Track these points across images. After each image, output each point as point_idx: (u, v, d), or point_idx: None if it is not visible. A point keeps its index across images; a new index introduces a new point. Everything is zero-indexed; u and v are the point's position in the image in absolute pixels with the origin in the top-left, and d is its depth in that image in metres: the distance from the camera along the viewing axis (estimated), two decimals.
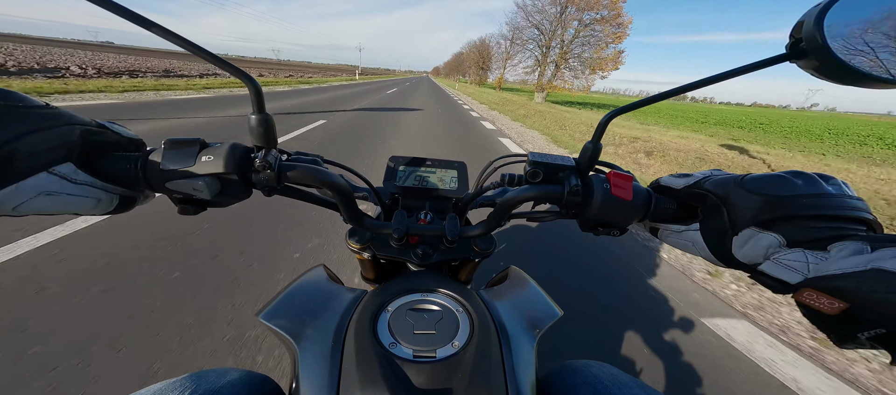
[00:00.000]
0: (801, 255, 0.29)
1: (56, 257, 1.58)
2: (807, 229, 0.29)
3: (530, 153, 0.41)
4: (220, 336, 1.23)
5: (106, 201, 0.33)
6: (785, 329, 1.58)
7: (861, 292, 0.24)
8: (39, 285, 1.39)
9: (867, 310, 0.24)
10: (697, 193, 0.36)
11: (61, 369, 1.06)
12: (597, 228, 0.40)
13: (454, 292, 0.41)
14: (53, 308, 1.28)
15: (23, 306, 1.27)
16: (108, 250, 1.67)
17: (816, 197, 0.30)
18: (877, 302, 0.23)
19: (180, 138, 0.34)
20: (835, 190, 0.31)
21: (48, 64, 13.01)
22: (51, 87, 6.55)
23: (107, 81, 8.65)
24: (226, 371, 0.38)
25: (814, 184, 0.31)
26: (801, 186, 0.31)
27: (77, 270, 1.50)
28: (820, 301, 0.26)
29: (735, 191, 0.33)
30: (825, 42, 0.25)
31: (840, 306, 0.25)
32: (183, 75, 14.15)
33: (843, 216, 0.29)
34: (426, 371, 0.32)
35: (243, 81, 0.31)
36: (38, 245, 1.63)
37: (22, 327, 1.18)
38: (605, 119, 0.35)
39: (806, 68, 0.28)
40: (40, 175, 0.28)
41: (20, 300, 1.30)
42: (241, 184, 0.34)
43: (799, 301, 0.28)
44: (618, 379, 0.41)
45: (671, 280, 1.92)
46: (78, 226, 1.82)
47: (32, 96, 0.28)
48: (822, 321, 0.27)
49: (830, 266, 0.27)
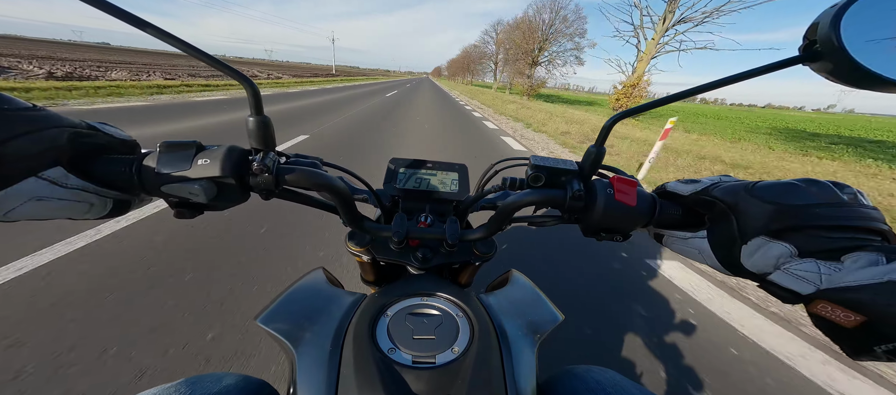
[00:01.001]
0: (813, 265, 0.28)
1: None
2: (819, 239, 0.28)
3: (533, 157, 0.40)
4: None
5: (99, 205, 0.33)
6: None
7: (878, 305, 0.23)
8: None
9: (886, 324, 0.23)
10: (705, 200, 0.35)
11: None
12: (599, 233, 0.39)
13: (454, 296, 0.41)
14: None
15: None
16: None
17: (830, 206, 0.29)
18: (895, 316, 0.22)
19: (176, 141, 0.33)
20: (849, 199, 0.30)
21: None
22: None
23: (48, 84, 7.22)
24: (222, 376, 0.38)
25: (828, 192, 0.30)
26: (814, 195, 0.30)
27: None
28: (835, 314, 0.26)
29: (745, 199, 0.32)
30: (841, 44, 0.25)
31: (857, 320, 0.24)
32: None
33: (858, 227, 0.28)
34: (425, 378, 0.31)
35: (241, 82, 0.31)
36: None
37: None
38: (610, 122, 0.34)
39: (820, 71, 0.27)
40: (29, 180, 0.27)
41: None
42: (238, 187, 0.34)
43: (813, 313, 0.27)
44: (620, 385, 0.40)
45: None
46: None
47: (18, 98, 0.28)
48: (837, 333, 0.26)
49: (845, 278, 0.26)
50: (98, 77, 11.03)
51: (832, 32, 0.25)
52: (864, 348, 0.25)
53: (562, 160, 0.40)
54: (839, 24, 0.25)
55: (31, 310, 1.27)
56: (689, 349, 1.40)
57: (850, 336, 0.26)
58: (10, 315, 1.23)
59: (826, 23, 0.25)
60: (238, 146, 0.35)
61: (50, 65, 13.14)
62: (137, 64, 21.02)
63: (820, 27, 0.26)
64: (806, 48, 0.27)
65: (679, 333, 1.50)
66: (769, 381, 1.30)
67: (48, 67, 11.89)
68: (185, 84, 11.04)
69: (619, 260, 2.06)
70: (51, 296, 1.34)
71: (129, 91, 8.39)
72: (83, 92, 7.32)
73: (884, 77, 0.24)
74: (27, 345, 1.12)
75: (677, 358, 1.36)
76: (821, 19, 0.26)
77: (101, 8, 0.24)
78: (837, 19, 0.25)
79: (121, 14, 0.25)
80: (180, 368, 1.11)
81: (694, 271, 2.01)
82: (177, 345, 1.18)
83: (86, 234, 1.73)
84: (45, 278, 1.43)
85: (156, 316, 1.29)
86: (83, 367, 1.07)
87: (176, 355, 1.15)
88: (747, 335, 1.52)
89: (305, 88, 17.02)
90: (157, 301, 1.37)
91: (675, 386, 1.23)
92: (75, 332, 1.19)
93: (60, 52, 28.31)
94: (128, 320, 1.26)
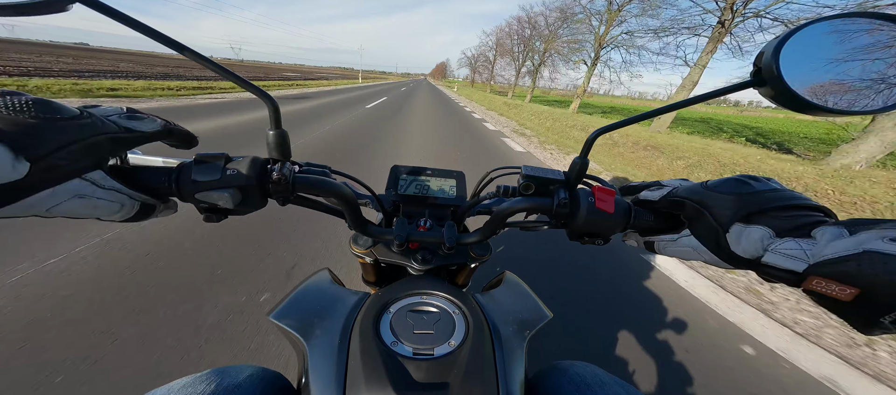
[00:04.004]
0: (793, 243, 0.29)
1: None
2: (784, 218, 0.31)
3: (524, 167, 0.44)
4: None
5: (128, 206, 0.34)
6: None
7: (864, 275, 0.24)
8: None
9: (880, 293, 0.24)
10: (675, 201, 0.39)
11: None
12: (583, 237, 0.42)
13: (451, 295, 0.43)
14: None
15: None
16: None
17: (773, 191, 0.33)
18: (885, 284, 0.23)
19: (208, 153, 0.36)
20: (777, 185, 0.34)
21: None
22: None
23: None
24: (243, 368, 0.41)
25: (761, 181, 0.35)
26: (755, 184, 0.34)
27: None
28: (830, 288, 0.26)
29: (707, 195, 0.36)
30: (780, 73, 0.28)
31: (852, 292, 0.25)
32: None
33: (801, 205, 0.31)
34: (425, 368, 0.34)
35: (262, 98, 0.34)
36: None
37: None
38: (593, 136, 0.38)
39: (765, 96, 0.30)
40: (75, 181, 0.29)
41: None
42: (259, 194, 0.37)
43: (809, 289, 0.28)
44: (600, 379, 0.44)
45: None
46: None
47: (69, 106, 0.29)
48: (840, 309, 0.27)
49: (823, 251, 0.27)
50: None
51: (773, 62, 0.28)
52: (869, 321, 0.25)
53: (550, 170, 0.43)
54: (779, 54, 0.28)
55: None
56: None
57: (853, 310, 0.26)
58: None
59: (769, 52, 0.28)
60: (260, 157, 0.38)
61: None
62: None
63: (765, 56, 0.29)
64: (755, 74, 0.30)
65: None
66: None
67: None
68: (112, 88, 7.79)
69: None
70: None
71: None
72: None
73: (814, 104, 0.28)
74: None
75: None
76: (766, 49, 0.29)
77: (99, 9, 0.25)
78: (778, 50, 0.28)
79: (119, 16, 0.25)
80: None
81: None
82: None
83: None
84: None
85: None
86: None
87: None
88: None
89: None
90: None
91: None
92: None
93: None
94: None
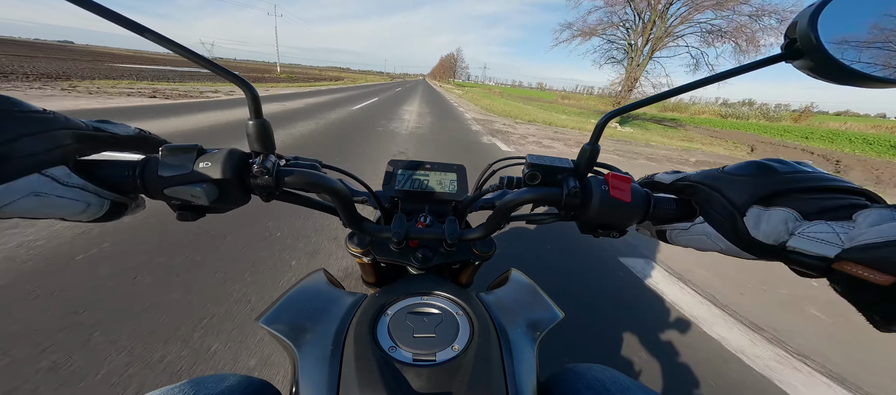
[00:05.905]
0: (826, 227, 0.27)
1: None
2: (811, 200, 0.28)
3: (528, 156, 0.41)
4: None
5: (96, 205, 0.32)
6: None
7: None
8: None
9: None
10: (688, 186, 0.37)
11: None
12: (596, 230, 0.40)
13: (454, 295, 0.41)
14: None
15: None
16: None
17: (798, 173, 0.30)
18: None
19: (178, 145, 0.34)
20: (809, 168, 0.31)
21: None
22: None
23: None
24: (224, 377, 0.38)
25: (787, 163, 0.32)
26: (779, 166, 0.32)
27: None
28: (864, 272, 0.24)
29: (723, 178, 0.34)
30: (819, 42, 0.25)
31: (888, 279, 0.23)
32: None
33: (841, 187, 0.28)
34: (426, 375, 0.32)
35: (240, 86, 0.31)
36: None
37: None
38: (603, 121, 0.35)
39: (802, 69, 0.28)
40: (32, 176, 0.27)
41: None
42: (239, 189, 0.34)
43: (840, 273, 0.26)
44: (621, 383, 0.41)
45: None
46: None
47: (30, 102, 0.28)
48: (866, 296, 0.25)
49: (864, 235, 0.25)
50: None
51: (810, 30, 0.26)
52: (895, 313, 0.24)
53: (557, 159, 0.40)
54: (816, 21, 0.25)
55: None
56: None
57: (882, 299, 0.24)
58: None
59: (804, 21, 0.26)
60: (239, 149, 0.35)
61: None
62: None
63: (799, 25, 0.27)
64: (787, 46, 0.28)
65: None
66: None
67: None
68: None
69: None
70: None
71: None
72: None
73: (862, 72, 0.25)
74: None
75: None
76: (799, 18, 0.27)
77: (93, 9, 0.24)
78: (815, 17, 0.26)
79: (113, 16, 0.25)
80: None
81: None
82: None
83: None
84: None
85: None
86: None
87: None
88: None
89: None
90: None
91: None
92: None
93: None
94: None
